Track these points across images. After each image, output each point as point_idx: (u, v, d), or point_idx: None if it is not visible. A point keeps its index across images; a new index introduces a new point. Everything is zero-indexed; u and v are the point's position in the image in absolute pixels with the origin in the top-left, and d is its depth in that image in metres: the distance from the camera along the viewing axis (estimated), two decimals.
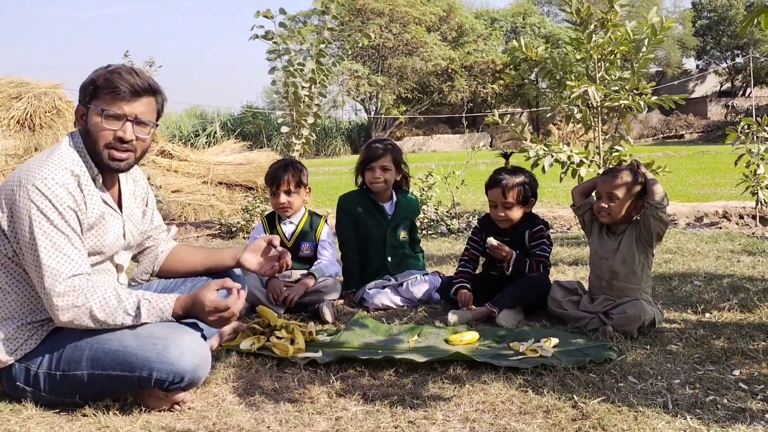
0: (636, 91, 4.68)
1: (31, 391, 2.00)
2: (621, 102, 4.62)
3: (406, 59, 26.45)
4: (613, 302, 2.71)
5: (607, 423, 1.81)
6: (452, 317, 2.85)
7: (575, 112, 4.82)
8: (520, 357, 2.33)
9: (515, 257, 3.04)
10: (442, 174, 6.05)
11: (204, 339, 2.03)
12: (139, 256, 2.40)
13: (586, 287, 2.95)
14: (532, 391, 2.05)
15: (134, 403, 2.00)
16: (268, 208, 5.47)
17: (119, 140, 2.00)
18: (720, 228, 5.56)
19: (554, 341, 2.45)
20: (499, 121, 4.77)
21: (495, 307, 2.92)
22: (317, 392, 2.10)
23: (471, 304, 3.01)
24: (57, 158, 1.98)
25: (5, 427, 1.88)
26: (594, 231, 2.88)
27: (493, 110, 6.04)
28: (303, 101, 5.57)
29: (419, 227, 5.14)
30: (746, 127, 5.22)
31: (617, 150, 4.76)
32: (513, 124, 4.87)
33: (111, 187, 2.14)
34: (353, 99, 28.43)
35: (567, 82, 4.60)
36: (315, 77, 5.55)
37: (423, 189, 5.90)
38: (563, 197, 7.73)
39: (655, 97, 4.67)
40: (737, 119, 7.36)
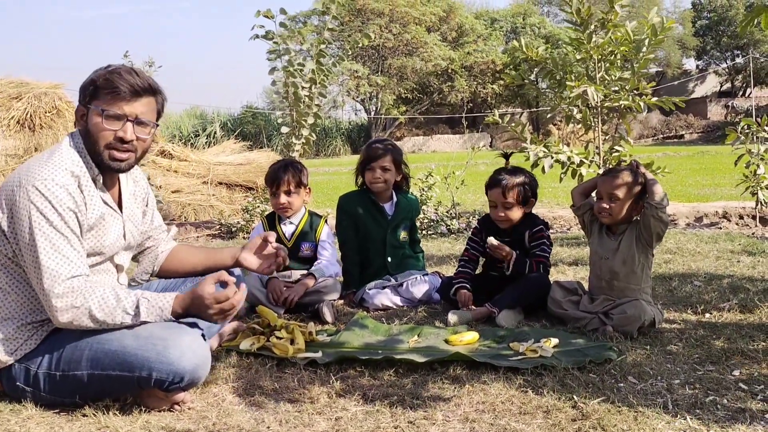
0: (636, 92, 4.68)
1: (31, 392, 2.00)
2: (621, 102, 4.62)
3: (406, 59, 26.47)
4: (613, 302, 2.71)
5: (607, 423, 1.81)
6: (452, 317, 2.85)
7: (575, 113, 4.82)
8: (520, 357, 2.33)
9: (515, 257, 3.03)
10: (442, 174, 6.05)
11: (204, 339, 2.03)
12: (140, 256, 2.40)
13: (586, 287, 2.95)
14: (532, 392, 2.05)
15: (134, 404, 2.00)
16: (268, 209, 5.47)
17: (120, 140, 2.00)
18: (720, 228, 5.56)
19: (554, 341, 2.45)
20: (500, 121, 4.77)
21: (495, 308, 2.92)
22: (317, 392, 2.10)
23: (471, 304, 3.01)
24: (57, 159, 1.98)
25: (5, 427, 1.88)
26: (594, 231, 2.88)
27: (494, 110, 6.04)
28: (303, 101, 5.57)
29: (419, 227, 5.14)
30: (746, 128, 5.23)
31: (617, 150, 4.76)
32: (513, 124, 4.88)
33: (111, 188, 2.14)
34: (353, 99, 28.44)
35: (567, 83, 4.60)
36: (315, 77, 5.56)
37: (423, 189, 5.90)
38: (563, 197, 7.73)
39: (656, 99, 4.67)
40: (737, 119, 7.35)
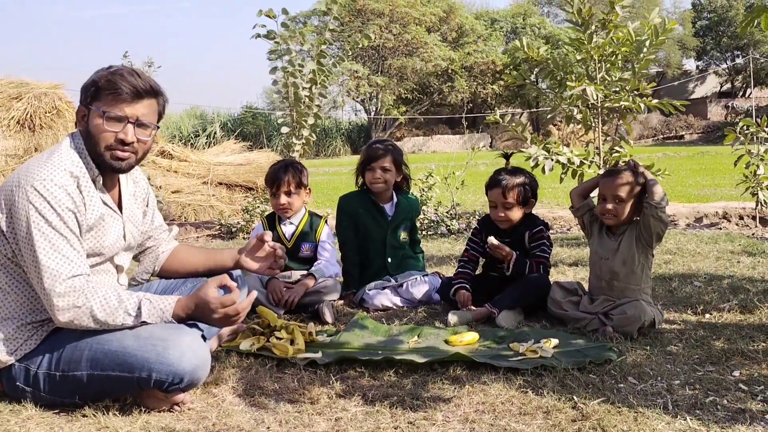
0: (636, 92, 4.68)
1: (31, 392, 2.00)
2: (621, 103, 4.62)
3: (406, 60, 26.48)
4: (613, 303, 2.71)
5: (607, 424, 1.81)
6: (452, 318, 2.85)
7: (575, 113, 4.82)
8: (520, 358, 2.33)
9: (515, 258, 3.03)
10: (442, 175, 6.05)
11: (204, 340, 2.03)
12: (140, 256, 2.40)
13: (586, 288, 2.95)
14: (532, 392, 2.05)
15: (134, 404, 2.00)
16: (268, 209, 5.47)
17: (120, 142, 2.00)
18: (720, 229, 5.56)
19: (554, 342, 2.45)
20: (500, 121, 4.77)
21: (495, 308, 2.92)
22: (317, 393, 2.10)
23: (470, 305, 3.01)
24: (57, 159, 1.98)
25: (5, 428, 1.88)
26: (594, 232, 2.88)
27: (494, 110, 6.05)
28: (303, 102, 5.57)
29: (419, 228, 5.14)
30: (745, 128, 5.23)
31: (617, 151, 4.76)
32: (513, 124, 4.87)
33: (111, 189, 2.14)
34: (353, 99, 28.45)
35: (567, 83, 4.60)
36: (315, 78, 5.56)
37: (423, 190, 5.91)
38: (563, 198, 7.73)
39: (656, 101, 4.67)
40: (737, 120, 7.35)
